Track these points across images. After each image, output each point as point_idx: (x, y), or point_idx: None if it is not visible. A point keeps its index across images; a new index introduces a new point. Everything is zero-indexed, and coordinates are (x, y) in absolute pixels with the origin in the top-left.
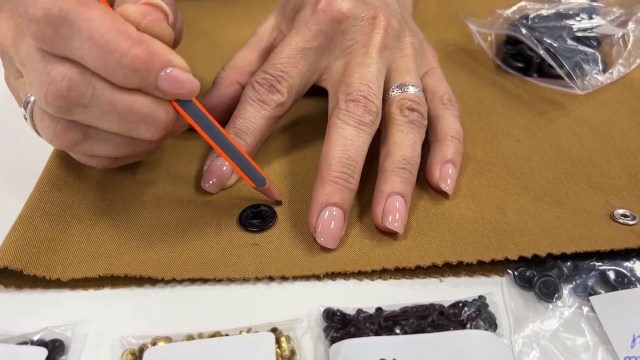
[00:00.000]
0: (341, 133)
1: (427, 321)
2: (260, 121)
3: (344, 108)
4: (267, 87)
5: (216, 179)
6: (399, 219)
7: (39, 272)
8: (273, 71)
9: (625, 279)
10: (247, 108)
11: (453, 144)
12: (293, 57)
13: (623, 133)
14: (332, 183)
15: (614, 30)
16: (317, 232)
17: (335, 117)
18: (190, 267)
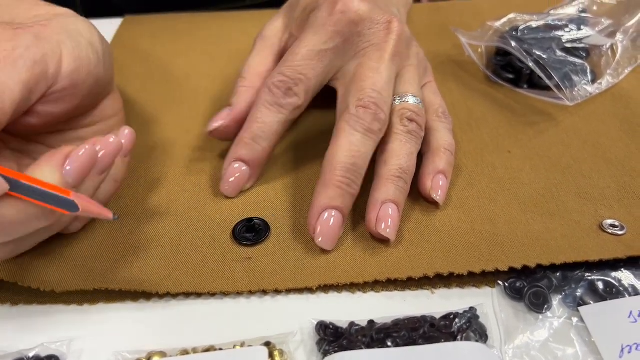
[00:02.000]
0: (349, 138)
1: (418, 333)
2: (277, 126)
3: (354, 113)
4: (284, 90)
5: (235, 182)
6: (391, 227)
7: (34, 284)
8: (290, 73)
9: (613, 289)
10: (263, 112)
11: (445, 156)
12: (311, 59)
13: (612, 143)
14: (335, 187)
15: (602, 41)
16: (316, 233)
17: (344, 122)
18: (184, 281)
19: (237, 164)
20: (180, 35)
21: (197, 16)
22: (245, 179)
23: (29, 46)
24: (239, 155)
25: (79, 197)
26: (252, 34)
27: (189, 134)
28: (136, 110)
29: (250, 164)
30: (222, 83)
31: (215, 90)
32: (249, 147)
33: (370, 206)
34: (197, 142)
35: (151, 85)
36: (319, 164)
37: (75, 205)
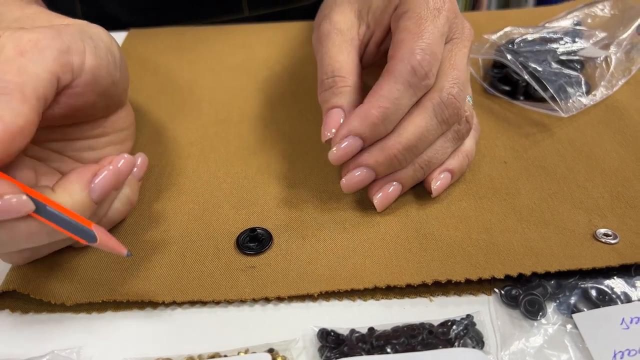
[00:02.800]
0: (427, 121)
1: (417, 340)
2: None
3: (444, 100)
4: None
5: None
6: (385, 202)
7: (45, 297)
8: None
9: (606, 296)
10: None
11: (462, 160)
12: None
13: (606, 154)
14: (389, 157)
15: (597, 53)
16: (346, 177)
17: (430, 103)
18: (189, 290)
19: (353, 139)
20: (183, 49)
21: (200, 30)
22: (354, 153)
23: (54, 37)
24: (363, 132)
25: (99, 229)
26: (254, 48)
27: (192, 145)
28: (141, 121)
29: (367, 143)
30: (225, 96)
31: (218, 103)
32: (375, 128)
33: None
34: (201, 153)
35: (156, 98)
36: (321, 175)
37: (94, 237)
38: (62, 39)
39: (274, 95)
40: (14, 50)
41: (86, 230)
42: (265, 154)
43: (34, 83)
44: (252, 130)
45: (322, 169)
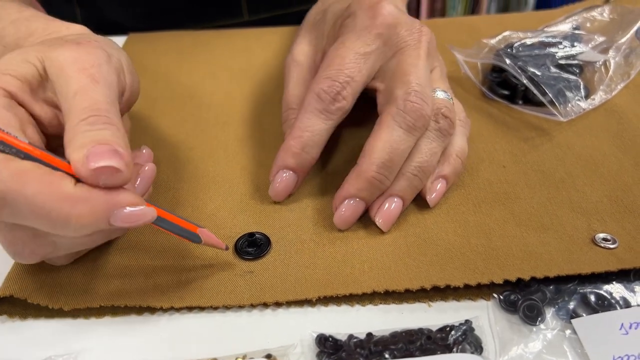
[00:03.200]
0: (391, 134)
1: (415, 345)
2: (325, 133)
3: (401, 108)
4: (333, 95)
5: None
6: (387, 220)
7: (43, 301)
8: (339, 77)
9: (605, 301)
10: (312, 120)
11: (454, 163)
12: (357, 61)
13: (605, 158)
14: (366, 180)
15: (596, 57)
16: (336, 215)
17: (390, 116)
18: (187, 295)
19: (285, 173)
20: (183, 54)
21: (199, 34)
22: (292, 186)
23: (108, 60)
24: (287, 164)
25: (202, 231)
26: (254, 52)
27: (192, 150)
28: (140, 126)
29: (298, 172)
30: (224, 101)
31: (218, 107)
32: (297, 157)
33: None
34: (200, 157)
35: (156, 102)
36: (319, 180)
37: (199, 238)
38: (113, 61)
39: (274, 99)
40: (84, 76)
41: (192, 233)
42: (264, 158)
43: (115, 110)
44: (252, 135)
45: (321, 173)
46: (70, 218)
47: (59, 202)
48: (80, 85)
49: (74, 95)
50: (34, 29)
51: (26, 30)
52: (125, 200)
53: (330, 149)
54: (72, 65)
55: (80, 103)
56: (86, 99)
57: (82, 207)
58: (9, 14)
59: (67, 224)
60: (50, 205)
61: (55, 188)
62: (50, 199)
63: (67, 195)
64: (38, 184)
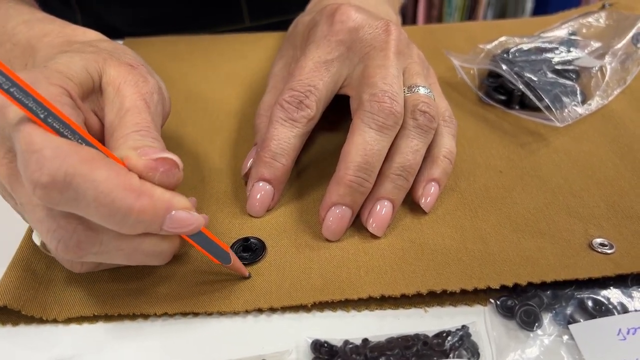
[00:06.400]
0: (363, 137)
1: (411, 351)
2: (294, 140)
3: (368, 110)
4: (295, 104)
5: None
6: (380, 225)
7: (37, 312)
8: (300, 87)
9: (602, 306)
10: (278, 129)
11: (442, 164)
12: (317, 70)
13: (601, 163)
14: (346, 186)
15: (592, 63)
16: (323, 226)
17: (359, 119)
18: (181, 301)
19: (260, 184)
20: (178, 58)
21: (196, 39)
22: (270, 197)
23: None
24: (261, 174)
25: (231, 253)
26: (250, 57)
27: (187, 155)
28: None
29: (273, 182)
30: (219, 105)
31: (213, 112)
32: (269, 166)
33: (366, 200)
34: (195, 162)
35: None
36: (315, 184)
37: (229, 258)
38: (162, 93)
39: None
40: (140, 99)
41: (223, 251)
42: None
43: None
44: (247, 140)
45: (316, 178)
46: (132, 210)
47: (125, 192)
48: (134, 105)
49: (126, 111)
50: (49, 30)
51: (40, 31)
52: (181, 203)
53: (325, 155)
54: (130, 87)
55: (132, 118)
56: (139, 117)
57: (145, 200)
58: (21, 14)
59: (128, 215)
60: (116, 194)
61: (123, 177)
62: (117, 187)
63: (134, 186)
64: (107, 171)
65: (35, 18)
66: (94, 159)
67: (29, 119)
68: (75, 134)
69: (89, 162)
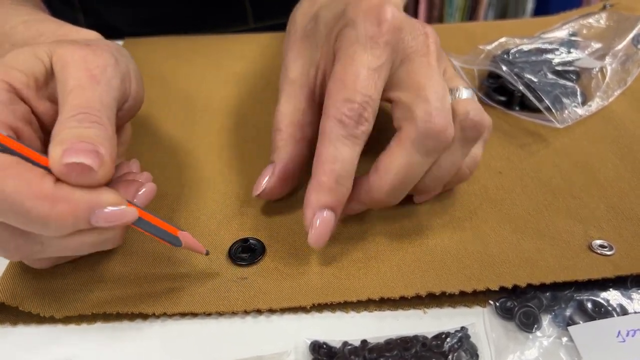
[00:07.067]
0: (409, 158)
1: (410, 353)
2: (356, 160)
3: (422, 131)
4: (356, 119)
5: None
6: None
7: (35, 309)
8: (359, 98)
9: (602, 308)
10: (340, 148)
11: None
12: (371, 78)
13: (601, 164)
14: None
15: (592, 64)
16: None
17: (409, 140)
18: (180, 301)
19: (325, 213)
20: (179, 58)
21: (197, 39)
22: (333, 225)
23: (115, 65)
24: (325, 202)
25: (183, 234)
26: (251, 58)
27: (187, 155)
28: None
29: (336, 209)
30: (219, 105)
31: (213, 112)
32: (334, 192)
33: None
34: (195, 163)
35: (151, 107)
36: None
37: (179, 241)
38: (120, 66)
39: (270, 105)
40: (86, 75)
41: (172, 235)
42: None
43: (110, 113)
44: (247, 140)
45: None
46: (49, 217)
47: (38, 201)
48: (78, 83)
49: (69, 91)
50: (45, 30)
51: (36, 31)
52: (106, 200)
53: None
54: (76, 63)
55: (73, 100)
56: (80, 97)
57: (62, 206)
58: (20, 15)
59: (47, 223)
60: (29, 204)
61: (34, 186)
62: (28, 197)
63: (47, 194)
64: (17, 181)
65: (34, 19)
66: (3, 168)
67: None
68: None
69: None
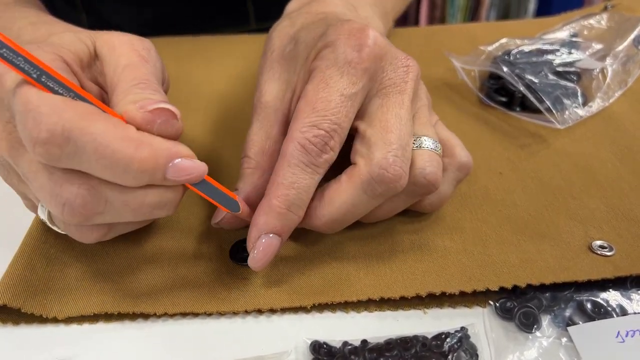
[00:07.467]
0: (355, 197)
1: (410, 353)
2: (313, 189)
3: (374, 176)
4: (320, 147)
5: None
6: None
7: (36, 310)
8: (326, 125)
9: (601, 309)
10: (299, 174)
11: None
12: (343, 105)
13: (602, 165)
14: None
15: (593, 65)
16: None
17: (359, 180)
18: (181, 301)
19: (270, 235)
20: (180, 59)
21: (199, 40)
22: (277, 250)
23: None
24: (272, 227)
25: (241, 201)
26: (252, 58)
27: None
28: None
29: (283, 235)
30: (220, 106)
31: (214, 112)
32: (283, 217)
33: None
34: None
35: None
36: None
37: (237, 206)
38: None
39: None
40: (136, 55)
41: (231, 199)
42: None
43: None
44: None
45: None
46: (133, 160)
47: (125, 142)
48: (131, 61)
49: (123, 68)
50: (55, 31)
51: (46, 32)
52: (183, 151)
53: None
54: (124, 46)
55: (130, 74)
56: (136, 72)
57: (146, 150)
58: (28, 17)
59: (129, 166)
60: (115, 145)
61: (120, 129)
62: (116, 138)
63: (132, 137)
64: (105, 124)
65: (41, 20)
66: (90, 113)
67: (25, 82)
68: (71, 91)
69: (85, 116)
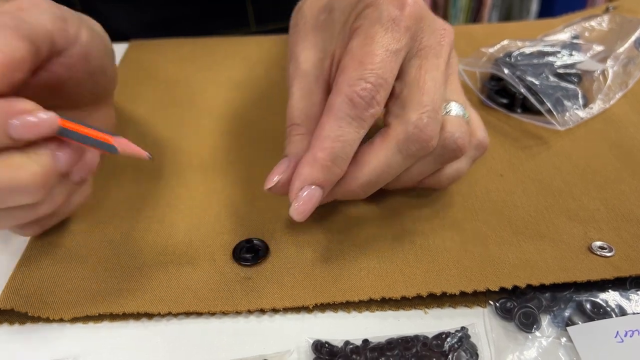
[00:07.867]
0: (389, 157)
1: (411, 352)
2: (357, 143)
3: (409, 136)
4: (367, 100)
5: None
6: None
7: (43, 313)
8: (374, 78)
9: (601, 309)
10: (345, 128)
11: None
12: (389, 60)
13: (602, 167)
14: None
15: (594, 66)
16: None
17: (394, 140)
18: (185, 301)
19: (312, 187)
20: (184, 61)
21: (200, 42)
22: (318, 201)
23: (52, 5)
24: (316, 178)
25: (118, 140)
26: (254, 60)
27: (191, 157)
28: (141, 132)
29: (325, 187)
30: (224, 108)
31: (218, 114)
32: (327, 170)
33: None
34: (200, 165)
35: (156, 109)
36: None
37: (114, 148)
38: (60, 9)
39: (274, 107)
40: (13, 6)
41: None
42: (263, 165)
43: (30, 29)
44: (251, 143)
45: None
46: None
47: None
48: None
49: None
50: None
51: None
52: (21, 107)
53: None
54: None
55: None
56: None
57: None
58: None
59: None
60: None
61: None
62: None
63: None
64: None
65: None
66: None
67: None
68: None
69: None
